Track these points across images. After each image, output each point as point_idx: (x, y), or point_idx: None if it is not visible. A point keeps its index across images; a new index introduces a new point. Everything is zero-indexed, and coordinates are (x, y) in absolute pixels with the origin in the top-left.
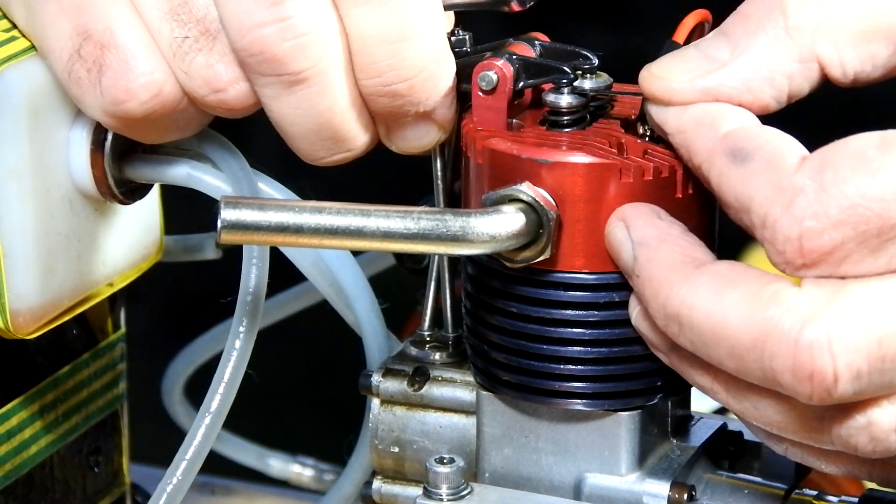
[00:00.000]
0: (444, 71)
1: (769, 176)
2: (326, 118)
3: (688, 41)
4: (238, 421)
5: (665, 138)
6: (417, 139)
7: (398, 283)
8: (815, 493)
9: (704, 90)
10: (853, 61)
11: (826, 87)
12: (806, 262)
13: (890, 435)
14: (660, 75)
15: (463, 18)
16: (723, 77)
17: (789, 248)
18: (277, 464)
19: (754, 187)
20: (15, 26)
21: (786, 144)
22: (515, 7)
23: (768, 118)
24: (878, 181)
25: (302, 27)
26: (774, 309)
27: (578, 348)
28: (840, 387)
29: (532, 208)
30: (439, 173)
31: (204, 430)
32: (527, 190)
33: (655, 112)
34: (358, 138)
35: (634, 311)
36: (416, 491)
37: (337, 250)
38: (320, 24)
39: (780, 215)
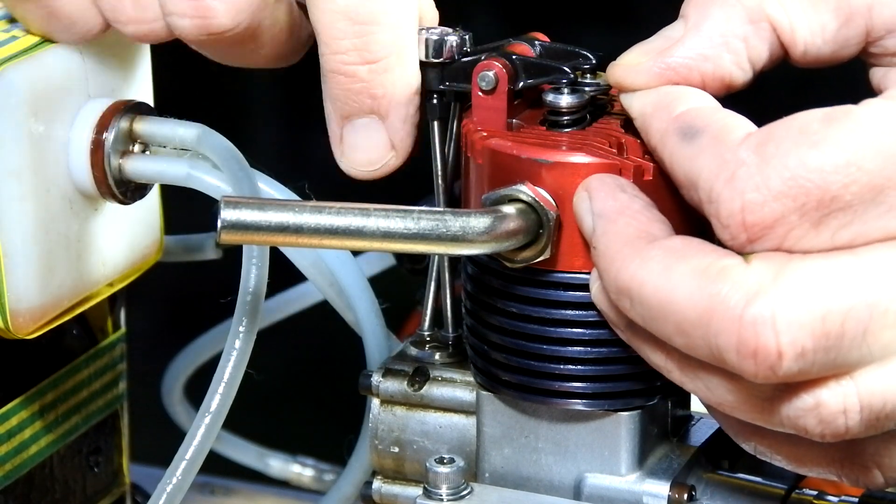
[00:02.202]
0: (406, 72)
1: (715, 151)
2: None
3: None
4: (238, 421)
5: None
6: (366, 150)
7: (398, 283)
8: (815, 492)
9: (664, 67)
10: (803, 29)
11: (800, 83)
12: (750, 237)
13: (838, 417)
14: (622, 63)
15: (463, 19)
16: (679, 51)
17: (732, 221)
18: (277, 464)
19: (701, 163)
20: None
21: (735, 121)
22: None
23: (748, 112)
24: (818, 153)
25: None
26: (721, 285)
27: (578, 348)
28: (784, 364)
29: (532, 208)
30: (439, 173)
31: (204, 430)
32: (527, 190)
33: (623, 100)
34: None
35: (594, 286)
36: (416, 491)
37: (337, 250)
38: None
39: (722, 189)
